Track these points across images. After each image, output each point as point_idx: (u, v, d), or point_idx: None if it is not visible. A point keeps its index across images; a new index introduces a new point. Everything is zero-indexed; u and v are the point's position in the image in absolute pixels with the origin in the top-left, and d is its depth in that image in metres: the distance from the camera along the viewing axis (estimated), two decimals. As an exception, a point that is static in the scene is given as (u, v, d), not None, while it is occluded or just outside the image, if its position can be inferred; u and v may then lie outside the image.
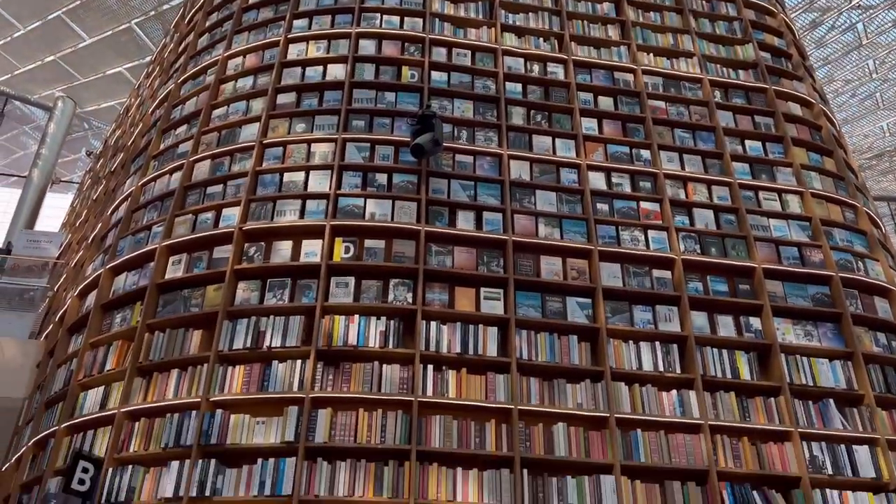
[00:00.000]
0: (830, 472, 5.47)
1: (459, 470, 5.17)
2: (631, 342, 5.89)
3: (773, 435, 5.64)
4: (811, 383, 5.87)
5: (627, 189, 6.88)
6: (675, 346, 5.94)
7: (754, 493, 5.33)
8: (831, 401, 5.81)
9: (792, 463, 5.49)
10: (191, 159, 7.05)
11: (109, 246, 7.04)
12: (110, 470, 5.30)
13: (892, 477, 5.49)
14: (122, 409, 5.55)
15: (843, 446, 5.60)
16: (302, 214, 6.30)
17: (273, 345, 5.59)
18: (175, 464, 5.18)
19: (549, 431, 5.42)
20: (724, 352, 5.93)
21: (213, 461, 5.12)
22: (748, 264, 6.44)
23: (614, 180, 6.92)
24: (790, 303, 6.29)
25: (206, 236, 6.31)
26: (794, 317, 6.24)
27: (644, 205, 6.77)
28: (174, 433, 5.31)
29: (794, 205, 7.04)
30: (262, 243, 6.21)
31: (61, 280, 9.11)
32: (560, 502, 5.14)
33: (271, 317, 5.73)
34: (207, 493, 5.02)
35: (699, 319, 6.09)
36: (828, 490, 5.37)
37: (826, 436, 5.63)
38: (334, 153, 6.68)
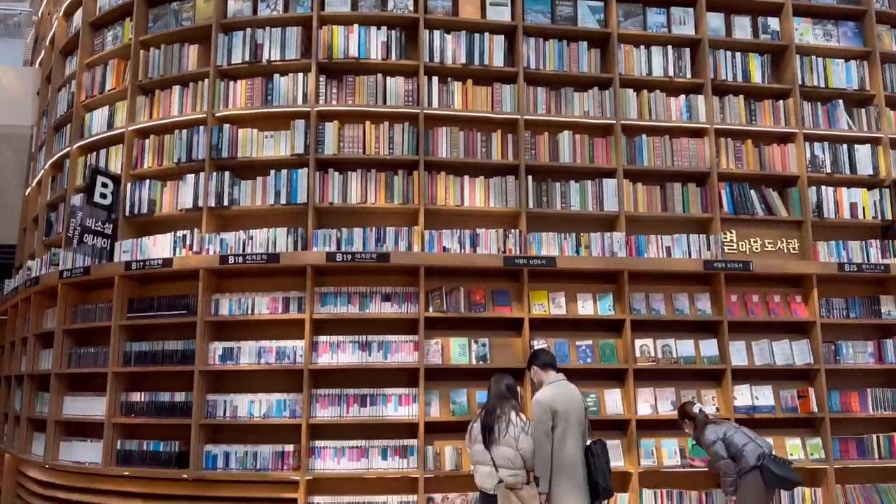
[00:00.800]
0: (829, 170, 5.62)
1: (466, 178, 5.32)
2: (642, 47, 5.68)
3: (777, 137, 5.70)
4: (823, 84, 5.77)
5: None
6: (687, 50, 5.73)
7: (752, 191, 5.52)
8: (840, 102, 5.76)
9: (792, 163, 5.60)
10: None
11: (85, -42, 6.53)
12: (129, 185, 5.48)
13: (889, 173, 5.64)
14: (131, 128, 5.58)
15: (844, 146, 5.69)
16: (287, -88, 5.72)
17: (272, 58, 5.43)
18: (190, 177, 5.34)
19: (555, 140, 5.47)
20: (738, 55, 5.75)
21: (227, 174, 5.27)
22: (775, -42, 5.96)
23: None
24: (813, 0, 5.94)
25: (186, -59, 5.81)
26: (814, 15, 5.94)
27: None
28: (185, 148, 5.40)
29: None
30: (249, -53, 5.73)
31: (44, 3, 8.62)
32: (563, 203, 5.36)
33: (267, 28, 5.48)
34: (226, 203, 5.23)
35: (715, 21, 5.81)
36: (823, 187, 5.58)
37: (830, 136, 5.69)
38: None
